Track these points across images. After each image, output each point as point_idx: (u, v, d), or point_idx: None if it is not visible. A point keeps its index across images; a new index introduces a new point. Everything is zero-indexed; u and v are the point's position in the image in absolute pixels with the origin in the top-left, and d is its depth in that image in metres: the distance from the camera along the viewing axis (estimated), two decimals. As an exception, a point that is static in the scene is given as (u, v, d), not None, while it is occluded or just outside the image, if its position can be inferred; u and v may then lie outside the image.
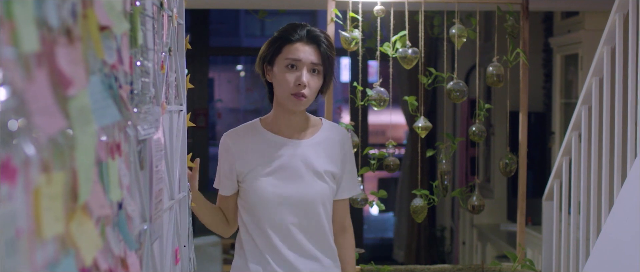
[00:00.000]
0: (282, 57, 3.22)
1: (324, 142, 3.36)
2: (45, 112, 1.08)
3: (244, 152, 3.32)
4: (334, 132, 3.41)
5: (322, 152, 3.34)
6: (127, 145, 1.73)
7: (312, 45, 3.22)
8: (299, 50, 3.20)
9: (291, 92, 3.20)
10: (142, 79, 1.93)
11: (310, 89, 3.20)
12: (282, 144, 3.31)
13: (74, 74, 1.21)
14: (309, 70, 3.20)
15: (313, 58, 3.21)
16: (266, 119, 3.40)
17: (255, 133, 3.35)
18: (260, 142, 3.33)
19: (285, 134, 3.34)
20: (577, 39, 7.35)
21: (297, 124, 3.35)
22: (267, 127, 3.37)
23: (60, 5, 1.21)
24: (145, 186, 2.02)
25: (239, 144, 3.33)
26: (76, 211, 1.28)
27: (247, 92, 13.78)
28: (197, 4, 6.08)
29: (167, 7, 2.41)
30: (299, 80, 3.17)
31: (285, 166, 3.28)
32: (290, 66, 3.19)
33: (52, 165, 1.18)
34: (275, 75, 3.25)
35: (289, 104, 3.24)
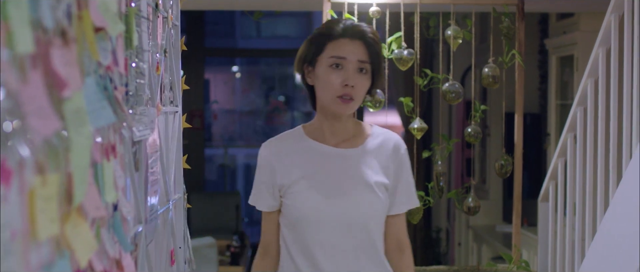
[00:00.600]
0: (325, 56, 2.84)
1: (374, 150, 2.95)
2: (40, 113, 1.08)
3: (285, 163, 2.93)
4: (386, 139, 2.99)
5: (373, 161, 2.94)
6: (122, 146, 1.73)
7: (358, 41, 2.85)
8: (344, 47, 2.83)
9: (336, 94, 2.81)
10: (138, 80, 1.93)
11: (357, 90, 2.82)
12: (327, 154, 2.93)
13: (69, 76, 1.21)
14: (356, 69, 2.82)
15: (360, 55, 2.83)
16: (310, 126, 3.01)
17: (298, 141, 2.97)
18: (303, 151, 2.95)
19: (331, 143, 2.95)
20: (573, 41, 7.36)
21: (344, 130, 2.96)
22: (310, 135, 2.97)
23: (55, 7, 1.21)
24: (140, 187, 2.02)
25: (280, 155, 2.95)
26: (71, 212, 1.28)
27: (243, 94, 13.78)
28: (193, 5, 6.07)
29: (163, 9, 2.41)
30: (345, 80, 2.80)
31: (332, 178, 2.90)
32: (334, 65, 2.81)
33: (47, 167, 1.17)
34: (318, 76, 2.86)
35: (334, 108, 2.85)
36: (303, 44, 2.97)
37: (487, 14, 6.31)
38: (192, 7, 6.39)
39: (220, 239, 9.14)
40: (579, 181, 5.01)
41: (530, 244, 7.56)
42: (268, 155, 2.96)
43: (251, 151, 13.50)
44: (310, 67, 2.90)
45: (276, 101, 13.64)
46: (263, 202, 2.99)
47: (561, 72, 7.85)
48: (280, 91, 13.88)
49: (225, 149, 13.25)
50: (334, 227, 2.87)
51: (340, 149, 2.92)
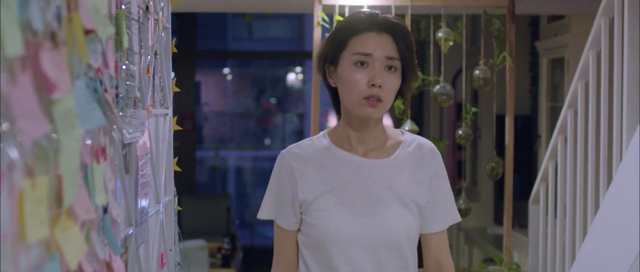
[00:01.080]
0: (348, 53, 2.50)
1: (408, 161, 2.59)
2: (30, 116, 1.08)
3: (308, 174, 2.57)
4: (419, 147, 2.63)
5: (406, 174, 2.58)
6: (113, 149, 1.73)
7: (386, 35, 2.50)
8: (369, 42, 2.48)
9: (362, 95, 2.46)
10: (128, 82, 1.93)
11: (386, 90, 2.46)
12: (356, 165, 2.56)
13: (58, 78, 1.21)
14: (384, 66, 2.47)
15: (388, 51, 2.48)
16: (334, 133, 2.65)
17: (323, 150, 2.60)
18: (328, 162, 2.58)
19: (360, 152, 2.58)
20: (564, 43, 7.37)
21: (372, 138, 2.59)
22: (336, 143, 2.61)
23: (45, 9, 1.21)
24: (130, 190, 2.01)
25: (302, 164, 2.58)
26: (61, 215, 1.28)
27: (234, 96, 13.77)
28: (184, 7, 6.07)
29: (153, 11, 2.40)
30: (372, 79, 2.44)
31: (361, 193, 2.53)
32: (359, 63, 2.47)
33: (37, 169, 1.17)
34: (341, 76, 2.52)
35: (360, 112, 2.48)
36: (324, 40, 2.64)
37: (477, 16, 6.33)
38: (183, 9, 6.38)
39: (211, 241, 9.14)
40: (570, 183, 5.02)
41: (521, 246, 7.57)
42: (289, 165, 2.58)
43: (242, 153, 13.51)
44: (332, 67, 2.56)
45: (267, 103, 13.64)
46: (284, 218, 2.62)
47: (552, 74, 7.87)
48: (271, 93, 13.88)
49: (216, 151, 13.25)
50: (363, 248, 2.52)
51: (369, 160, 2.57)
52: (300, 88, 13.45)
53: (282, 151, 2.63)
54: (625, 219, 4.00)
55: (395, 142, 2.63)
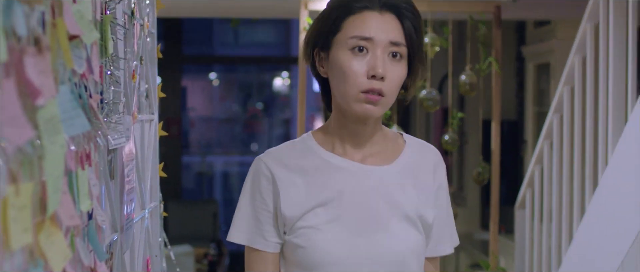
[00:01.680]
0: (343, 37, 2.04)
1: (411, 169, 2.16)
2: (14, 122, 1.07)
3: (293, 184, 2.09)
4: (424, 153, 2.22)
5: (409, 184, 2.13)
6: (97, 154, 1.72)
7: (389, 14, 2.05)
8: (369, 23, 2.03)
9: (361, 89, 2.00)
10: (113, 88, 1.92)
11: (389, 82, 2.01)
12: (352, 173, 2.09)
13: (42, 84, 1.20)
14: (387, 53, 2.02)
15: (392, 34, 2.03)
16: (323, 134, 2.17)
17: (309, 155, 2.13)
18: (318, 168, 2.11)
19: (356, 157, 2.12)
20: (550, 48, 7.40)
21: (370, 141, 2.14)
22: (326, 145, 2.14)
23: (29, 15, 1.20)
24: (115, 195, 2.01)
25: (285, 172, 2.10)
26: (45, 221, 1.27)
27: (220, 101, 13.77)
28: (169, 12, 6.07)
29: (138, 16, 2.40)
30: (372, 69, 1.99)
31: (360, 208, 2.07)
32: (357, 49, 2.01)
33: (21, 176, 1.17)
34: (334, 65, 2.05)
35: (357, 109, 2.03)
36: (314, 21, 2.17)
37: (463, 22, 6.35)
38: (169, 14, 6.38)
39: (197, 247, 9.13)
40: (556, 188, 5.04)
41: (507, 251, 7.58)
42: (268, 172, 2.10)
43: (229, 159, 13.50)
44: (323, 53, 2.10)
45: (254, 108, 13.64)
46: (262, 240, 2.11)
47: (538, 80, 7.90)
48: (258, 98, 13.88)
49: (203, 157, 13.24)
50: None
51: (368, 167, 2.11)
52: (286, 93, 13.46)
53: (258, 156, 2.13)
54: (611, 223, 4.01)
55: (396, 145, 2.18)
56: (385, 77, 1.99)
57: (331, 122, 2.15)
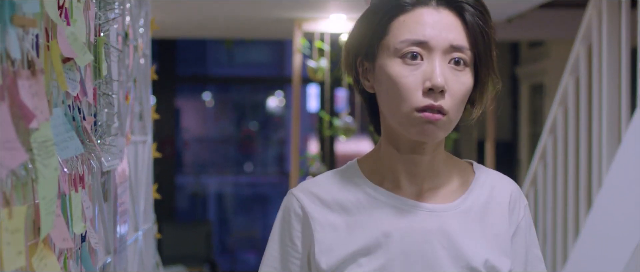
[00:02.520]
0: (391, 42, 1.64)
1: (480, 208, 1.73)
2: (7, 146, 1.07)
3: (331, 226, 1.70)
4: (497, 188, 1.78)
5: (477, 228, 1.71)
6: (91, 177, 1.72)
7: (448, 11, 1.64)
8: (424, 24, 1.63)
9: (416, 106, 1.60)
10: (106, 110, 1.92)
11: (452, 97, 1.61)
12: (404, 212, 1.69)
13: (36, 107, 1.20)
14: (448, 59, 1.62)
15: (454, 36, 1.62)
16: (371, 163, 1.78)
17: (352, 189, 1.73)
18: (360, 207, 1.71)
19: (410, 193, 1.72)
20: (543, 69, 7.42)
21: (429, 172, 1.72)
22: (374, 177, 1.74)
23: (23, 38, 1.20)
24: (109, 218, 2.00)
25: (322, 211, 1.71)
26: (39, 244, 1.27)
27: (215, 121, 13.77)
28: (164, 34, 6.08)
29: (132, 38, 2.40)
30: (430, 80, 1.59)
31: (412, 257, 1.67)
32: (409, 57, 1.61)
33: (14, 199, 1.16)
34: (381, 77, 1.66)
35: (412, 132, 1.63)
36: (355, 24, 1.76)
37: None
38: (163, 35, 6.38)
39: (191, 267, 9.11)
40: (550, 209, 5.03)
41: (501, 272, 7.57)
42: (301, 211, 1.72)
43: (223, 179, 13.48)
44: (368, 63, 1.71)
45: (248, 129, 13.64)
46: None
47: (533, 99, 7.91)
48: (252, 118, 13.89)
49: (197, 177, 13.23)
50: None
51: (426, 205, 1.70)
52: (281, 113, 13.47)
53: (291, 190, 1.77)
54: (606, 244, 4.01)
55: (464, 178, 1.77)
56: (447, 89, 1.59)
57: (381, 148, 1.74)
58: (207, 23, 6.60)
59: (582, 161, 4.54)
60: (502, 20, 5.81)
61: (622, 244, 3.86)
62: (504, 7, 5.48)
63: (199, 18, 6.37)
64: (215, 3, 5.70)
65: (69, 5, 1.47)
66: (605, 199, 4.11)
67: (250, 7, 5.78)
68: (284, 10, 5.67)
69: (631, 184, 3.82)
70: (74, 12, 1.50)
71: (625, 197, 3.89)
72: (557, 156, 4.92)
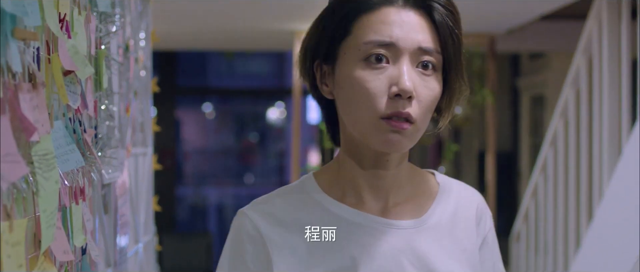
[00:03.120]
0: (354, 43, 1.47)
1: (448, 221, 1.59)
2: (8, 159, 1.07)
3: (289, 248, 1.51)
4: (464, 200, 1.65)
5: (446, 243, 1.56)
6: (91, 189, 1.72)
7: (416, 11, 1.48)
8: (391, 24, 1.46)
9: (381, 114, 1.43)
10: (107, 122, 1.92)
11: (420, 103, 1.45)
12: (368, 231, 1.52)
13: (37, 120, 1.20)
14: (415, 62, 1.46)
15: (422, 37, 1.46)
16: (329, 176, 1.59)
17: (310, 207, 1.55)
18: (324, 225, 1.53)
19: (373, 208, 1.55)
20: (544, 80, 7.42)
21: (393, 185, 1.56)
22: (332, 192, 1.57)
23: (24, 51, 1.20)
24: (109, 230, 2.00)
25: (278, 231, 1.52)
26: (39, 257, 1.27)
27: (215, 133, 13.77)
28: (164, 46, 6.08)
29: (133, 50, 2.40)
30: (397, 85, 1.43)
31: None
32: (374, 59, 1.44)
33: (15, 211, 1.16)
34: (343, 82, 1.49)
35: (376, 142, 1.46)
36: (312, 24, 1.59)
37: (458, 54, 6.37)
38: (163, 47, 6.39)
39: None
40: (551, 221, 5.03)
41: (502, 284, 7.56)
42: (253, 233, 1.52)
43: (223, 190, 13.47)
44: (326, 66, 1.53)
45: (248, 141, 13.64)
46: None
47: (534, 111, 7.92)
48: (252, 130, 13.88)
49: (197, 189, 13.22)
50: None
51: (392, 221, 1.53)
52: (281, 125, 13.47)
53: (242, 209, 1.56)
54: (607, 256, 4.00)
55: (427, 191, 1.62)
56: (415, 95, 1.44)
57: (340, 161, 1.57)
58: (207, 35, 6.60)
59: (583, 172, 4.54)
60: (503, 32, 5.82)
61: (623, 255, 3.86)
62: (505, 19, 5.49)
63: (200, 30, 6.38)
64: (215, 15, 5.70)
65: (70, 19, 1.47)
66: (606, 210, 4.11)
67: (250, 19, 5.78)
68: (284, 22, 5.67)
69: (632, 196, 3.81)
70: (74, 25, 1.50)
71: (626, 209, 3.88)
72: (558, 167, 4.92)
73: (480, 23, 5.27)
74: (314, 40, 1.54)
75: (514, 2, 5.00)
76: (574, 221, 4.68)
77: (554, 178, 5.02)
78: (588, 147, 4.53)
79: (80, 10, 1.57)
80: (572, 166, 4.71)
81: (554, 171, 5.03)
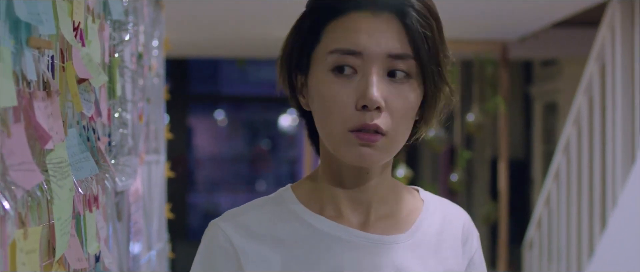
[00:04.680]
0: (321, 51, 1.40)
1: (433, 239, 1.50)
2: (23, 167, 1.07)
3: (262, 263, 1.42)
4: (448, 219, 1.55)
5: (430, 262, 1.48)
6: (105, 197, 1.72)
7: (387, 15, 1.38)
8: (358, 31, 1.38)
9: (348, 126, 1.36)
10: (121, 130, 1.92)
11: (392, 113, 1.37)
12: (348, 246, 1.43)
13: (51, 128, 1.20)
14: (385, 71, 1.37)
15: (392, 44, 1.37)
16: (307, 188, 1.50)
17: (287, 220, 1.46)
18: (298, 240, 1.43)
19: (353, 222, 1.45)
20: (557, 87, 7.40)
21: (374, 198, 1.47)
22: (310, 205, 1.47)
23: (39, 59, 1.21)
24: (123, 237, 2.00)
25: (252, 244, 1.43)
26: (53, 265, 1.27)
27: (227, 140, 13.78)
28: (177, 53, 6.09)
29: (146, 58, 2.41)
30: (363, 97, 1.35)
31: None
32: (338, 70, 1.37)
33: (29, 219, 1.17)
34: (313, 94, 1.42)
35: (346, 155, 1.38)
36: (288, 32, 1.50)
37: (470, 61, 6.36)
38: (176, 55, 6.40)
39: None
40: (564, 228, 5.02)
41: (515, 291, 7.55)
42: (226, 246, 1.43)
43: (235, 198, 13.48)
44: (302, 76, 1.46)
45: (259, 148, 13.64)
46: None
47: (546, 118, 7.90)
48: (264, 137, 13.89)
49: (209, 196, 13.23)
50: None
51: (374, 236, 1.44)
52: (293, 132, 13.48)
53: (214, 221, 1.48)
54: (620, 263, 3.99)
55: (411, 207, 1.52)
56: (385, 105, 1.35)
57: (319, 172, 1.50)
58: (219, 42, 6.62)
59: (596, 180, 4.53)
60: (515, 39, 5.81)
61: (637, 264, 3.84)
62: (518, 26, 5.49)
63: (212, 37, 6.39)
64: (227, 23, 5.71)
65: (84, 27, 1.47)
66: (619, 218, 4.09)
67: (262, 27, 5.79)
68: (296, 29, 5.67)
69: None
70: (89, 33, 1.51)
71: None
72: (571, 175, 4.91)
73: (492, 30, 5.26)
74: (288, 48, 1.47)
75: (526, 9, 5.00)
76: (587, 228, 4.66)
77: (567, 185, 5.01)
78: (601, 154, 4.52)
79: (94, 19, 1.58)
80: (585, 173, 4.70)
81: (567, 179, 5.01)
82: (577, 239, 4.86)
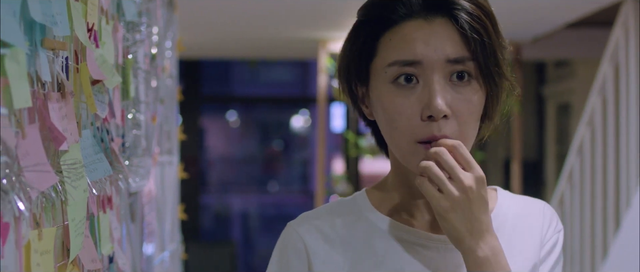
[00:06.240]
0: (380, 64, 1.40)
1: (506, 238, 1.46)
2: (37, 168, 1.07)
3: (331, 264, 1.45)
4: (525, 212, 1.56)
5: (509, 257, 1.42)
6: (119, 198, 1.72)
7: (440, 20, 1.38)
8: (414, 40, 1.37)
9: (415, 138, 1.37)
10: (134, 131, 1.93)
11: (459, 118, 1.37)
12: (417, 248, 1.45)
13: (66, 129, 1.21)
14: (444, 74, 1.37)
15: (450, 49, 1.36)
16: (381, 193, 1.53)
17: (358, 222, 1.48)
18: (367, 242, 1.46)
19: (424, 225, 1.47)
20: (570, 88, 7.39)
21: None
22: (384, 208, 1.50)
23: (53, 61, 1.21)
24: (136, 238, 2.01)
25: (324, 246, 1.46)
26: (67, 265, 1.27)
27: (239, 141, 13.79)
28: (189, 54, 6.10)
29: (160, 59, 2.41)
30: (428, 108, 1.35)
31: None
32: (403, 80, 1.37)
33: (44, 220, 1.17)
34: (376, 105, 1.43)
35: (415, 167, 1.38)
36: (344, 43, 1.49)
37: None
38: (188, 56, 6.41)
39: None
40: (577, 230, 5.00)
41: (528, 292, 7.53)
42: (299, 246, 1.47)
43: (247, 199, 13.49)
44: (363, 88, 1.46)
45: (272, 149, 13.64)
46: None
47: (560, 119, 7.88)
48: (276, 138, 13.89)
49: (221, 197, 13.23)
50: None
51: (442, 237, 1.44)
52: (305, 133, 13.47)
53: (290, 223, 1.52)
54: (634, 264, 3.97)
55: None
56: (451, 113, 1.35)
57: (390, 176, 1.51)
58: (232, 43, 6.62)
59: (610, 181, 4.51)
60: (528, 39, 5.79)
61: (650, 265, 3.84)
62: (531, 27, 5.48)
63: (224, 39, 6.40)
64: (240, 24, 5.72)
65: (98, 28, 1.48)
66: (633, 219, 4.08)
67: (274, 28, 5.80)
68: (307, 30, 5.68)
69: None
70: (102, 34, 1.51)
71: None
72: (585, 176, 4.89)
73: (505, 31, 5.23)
74: (345, 61, 1.46)
75: (539, 10, 4.99)
76: (600, 229, 4.65)
77: (581, 187, 5.00)
78: (615, 155, 4.51)
79: (108, 20, 1.58)
80: (598, 174, 4.69)
81: (580, 180, 5.00)
82: (591, 240, 4.84)
